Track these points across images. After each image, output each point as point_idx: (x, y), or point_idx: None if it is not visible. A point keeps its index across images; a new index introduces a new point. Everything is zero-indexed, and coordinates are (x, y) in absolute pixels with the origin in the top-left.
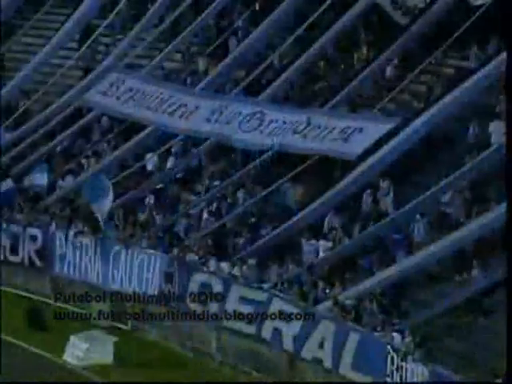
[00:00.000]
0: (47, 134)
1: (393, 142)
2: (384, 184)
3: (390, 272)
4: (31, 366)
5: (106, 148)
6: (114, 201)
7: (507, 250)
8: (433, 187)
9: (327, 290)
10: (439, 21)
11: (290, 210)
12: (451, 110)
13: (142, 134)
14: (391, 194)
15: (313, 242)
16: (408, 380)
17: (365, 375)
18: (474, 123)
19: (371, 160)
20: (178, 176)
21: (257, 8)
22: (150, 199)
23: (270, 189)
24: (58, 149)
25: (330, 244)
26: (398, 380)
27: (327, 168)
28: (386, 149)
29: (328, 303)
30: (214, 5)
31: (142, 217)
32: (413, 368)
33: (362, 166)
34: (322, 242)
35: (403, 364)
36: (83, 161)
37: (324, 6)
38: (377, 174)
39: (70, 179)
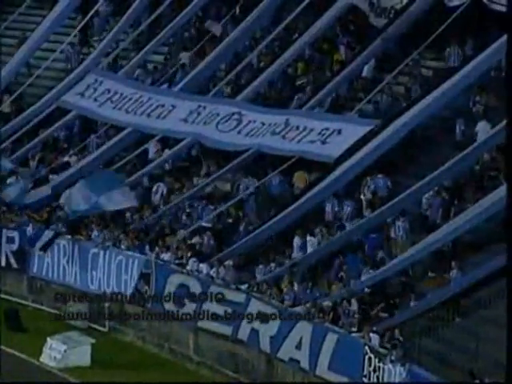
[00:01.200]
0: (27, 133)
1: (372, 144)
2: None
3: (375, 272)
4: (8, 367)
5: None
6: None
7: (507, 250)
8: (413, 186)
9: (308, 291)
10: (416, 22)
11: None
12: (431, 110)
13: (120, 135)
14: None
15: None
16: (385, 380)
17: (341, 376)
18: (459, 122)
19: (351, 161)
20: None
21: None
22: None
23: (248, 190)
24: (34, 151)
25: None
26: (375, 380)
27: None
28: (365, 150)
29: (306, 304)
30: (192, 4)
31: (121, 217)
32: (390, 368)
33: (342, 167)
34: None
35: (380, 365)
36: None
37: (301, 7)
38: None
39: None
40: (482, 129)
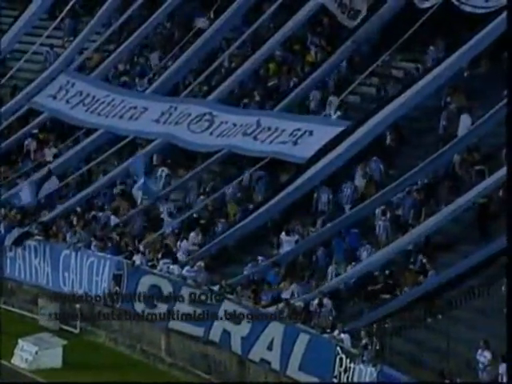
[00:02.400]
0: None
1: (345, 143)
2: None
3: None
4: None
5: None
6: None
7: (507, 250)
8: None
9: (283, 292)
10: (387, 24)
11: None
12: (403, 111)
13: (91, 137)
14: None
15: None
16: (355, 381)
17: (312, 376)
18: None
19: (324, 161)
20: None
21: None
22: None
23: (222, 190)
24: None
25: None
26: (345, 380)
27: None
28: (337, 150)
29: (279, 304)
30: (164, 6)
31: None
32: (361, 369)
33: (314, 168)
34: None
35: (351, 365)
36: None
37: (273, 8)
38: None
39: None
40: (464, 122)
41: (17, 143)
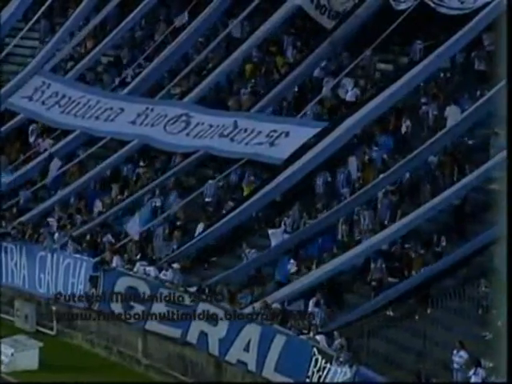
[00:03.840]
0: None
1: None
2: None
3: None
4: None
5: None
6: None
7: (507, 251)
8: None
9: (254, 293)
10: (364, 25)
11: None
12: (380, 111)
13: (68, 138)
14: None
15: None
16: (328, 380)
17: (286, 377)
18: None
19: (302, 160)
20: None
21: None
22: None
23: (198, 191)
24: None
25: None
26: (316, 380)
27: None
28: (315, 150)
29: (256, 306)
30: (140, 7)
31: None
32: (336, 369)
33: (293, 167)
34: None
35: (327, 365)
36: None
37: (249, 9)
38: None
39: None
40: (452, 113)
41: None
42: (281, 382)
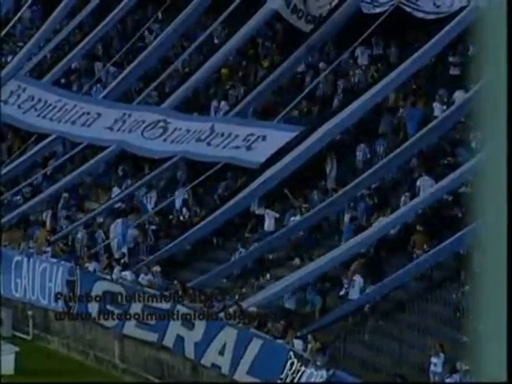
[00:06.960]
0: None
1: (299, 149)
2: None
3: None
4: None
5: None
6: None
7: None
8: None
9: (236, 296)
10: (341, 29)
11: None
12: (358, 116)
13: (44, 142)
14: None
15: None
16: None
17: (258, 379)
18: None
19: (279, 165)
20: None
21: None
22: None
23: (174, 196)
24: None
25: None
26: (288, 381)
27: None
28: (292, 155)
29: (232, 309)
30: (116, 10)
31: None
32: (312, 372)
33: (268, 173)
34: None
35: (301, 368)
36: None
37: (227, 13)
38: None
39: None
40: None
41: None
42: (247, 383)
